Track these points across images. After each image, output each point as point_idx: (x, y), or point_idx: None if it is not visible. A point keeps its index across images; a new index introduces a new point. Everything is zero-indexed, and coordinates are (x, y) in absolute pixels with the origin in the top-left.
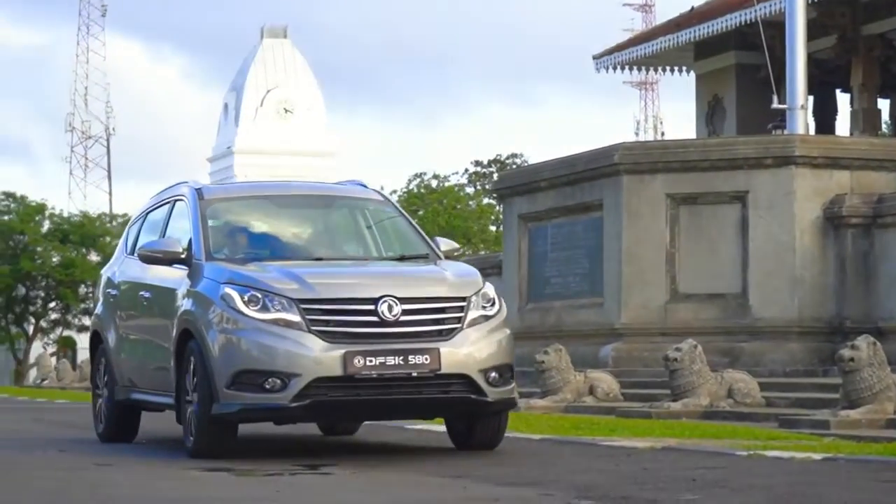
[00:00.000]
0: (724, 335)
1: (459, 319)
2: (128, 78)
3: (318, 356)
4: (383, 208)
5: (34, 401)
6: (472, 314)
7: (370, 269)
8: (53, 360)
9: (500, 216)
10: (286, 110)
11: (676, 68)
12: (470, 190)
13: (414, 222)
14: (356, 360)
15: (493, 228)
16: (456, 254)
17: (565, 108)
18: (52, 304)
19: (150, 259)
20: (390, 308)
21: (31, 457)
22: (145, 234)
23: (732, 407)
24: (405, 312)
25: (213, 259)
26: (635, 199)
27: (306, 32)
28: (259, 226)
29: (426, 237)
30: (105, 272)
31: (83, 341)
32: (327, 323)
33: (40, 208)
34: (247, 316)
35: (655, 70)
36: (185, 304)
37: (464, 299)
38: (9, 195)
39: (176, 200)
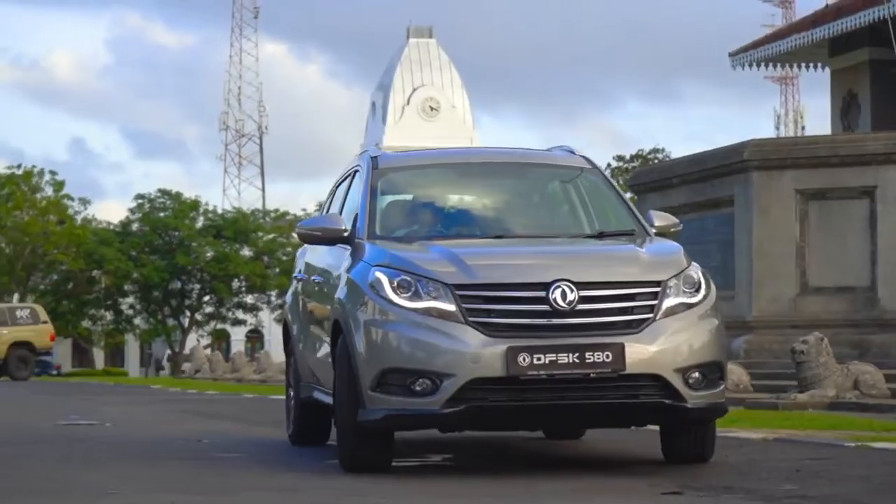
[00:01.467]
0: (853, 328)
1: (652, 308)
2: (276, 77)
3: (476, 353)
4: (588, 177)
5: (186, 392)
6: (670, 301)
7: (546, 249)
8: (207, 352)
9: None
10: (432, 108)
11: (812, 65)
12: None
13: (622, 193)
14: (521, 358)
15: None
16: (674, 230)
17: (706, 102)
18: (207, 298)
19: (309, 238)
20: (564, 295)
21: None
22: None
23: (858, 398)
24: (583, 300)
25: (376, 238)
26: (765, 195)
27: (451, 31)
28: (436, 198)
29: (635, 211)
30: (298, 255)
31: (236, 334)
32: (489, 313)
33: (195, 205)
34: (395, 305)
35: (790, 66)
36: (339, 291)
37: (658, 284)
38: (165, 192)
39: (355, 171)
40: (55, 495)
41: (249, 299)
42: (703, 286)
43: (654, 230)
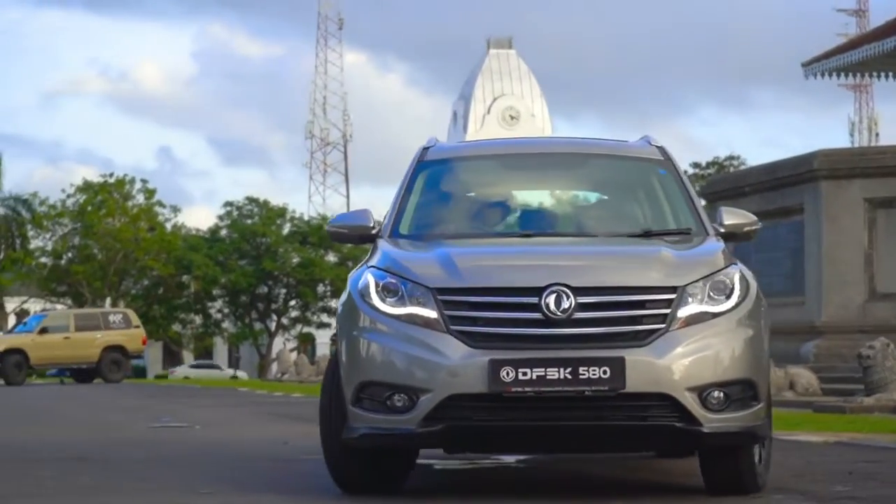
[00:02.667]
0: None
1: (664, 318)
2: (358, 86)
3: (456, 366)
4: (655, 170)
5: (272, 395)
6: (689, 310)
7: (553, 249)
8: (293, 355)
9: None
10: (512, 117)
11: (884, 74)
12: None
13: (690, 188)
14: (505, 373)
15: None
16: (747, 229)
17: (779, 109)
18: (293, 303)
19: (337, 236)
20: (559, 301)
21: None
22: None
23: None
24: (582, 307)
25: (398, 237)
26: (834, 204)
27: (529, 42)
28: (476, 192)
29: (698, 208)
30: None
31: (322, 337)
32: (475, 321)
33: (281, 212)
34: (378, 311)
35: (862, 76)
36: (342, 295)
37: (674, 290)
38: (252, 200)
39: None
40: (153, 493)
41: (334, 303)
42: (738, 291)
43: (722, 229)
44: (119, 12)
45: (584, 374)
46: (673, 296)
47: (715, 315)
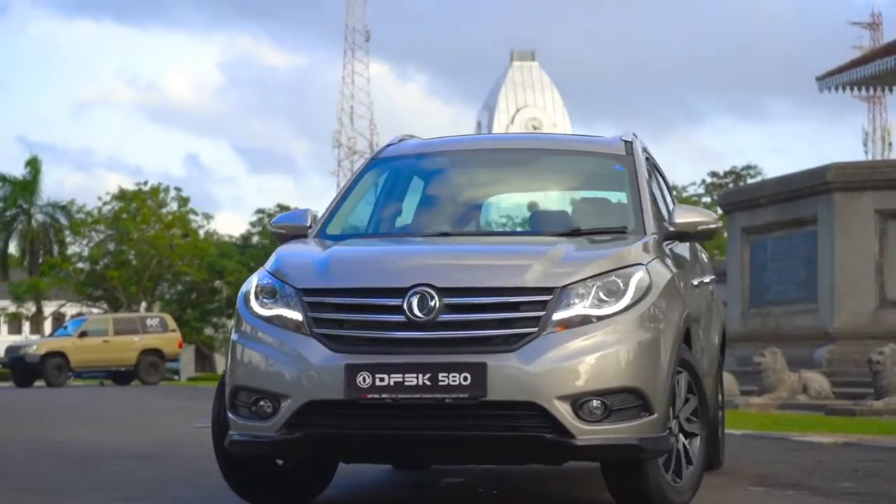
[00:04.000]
0: None
1: (537, 321)
2: (382, 97)
3: (315, 371)
4: (611, 165)
5: None
6: (567, 312)
7: (425, 248)
8: None
9: None
10: (535, 127)
11: None
12: (707, 199)
13: (644, 185)
14: (361, 378)
15: (727, 235)
16: (702, 227)
17: (793, 118)
18: None
19: (278, 237)
20: (423, 303)
21: None
22: None
23: None
24: (449, 309)
25: (325, 237)
26: (846, 215)
27: (551, 54)
28: (413, 191)
29: (645, 205)
30: None
31: None
32: (340, 324)
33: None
34: (252, 314)
35: (875, 90)
36: None
37: (550, 291)
38: (283, 207)
39: None
40: (203, 489)
41: None
42: (631, 293)
43: (672, 228)
44: (147, 24)
45: (443, 381)
46: (548, 297)
47: (600, 318)
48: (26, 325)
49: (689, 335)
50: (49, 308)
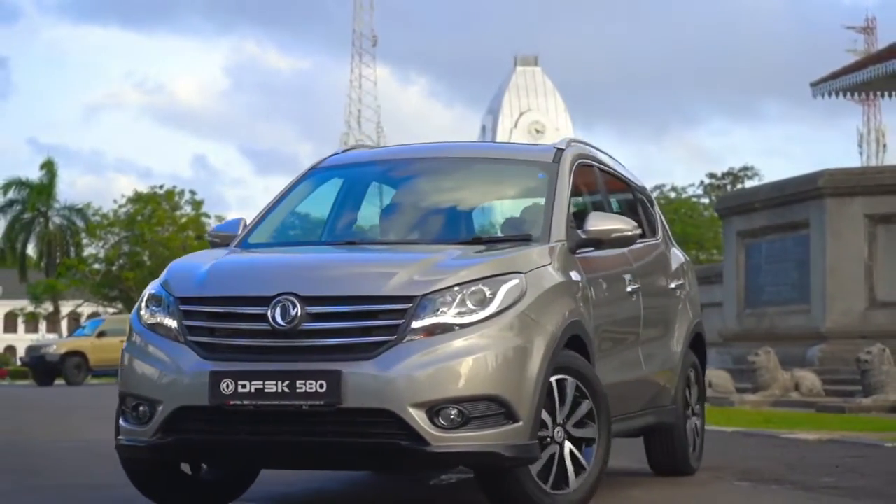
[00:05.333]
0: None
1: (395, 329)
2: (388, 100)
3: (185, 378)
4: (535, 173)
5: None
6: (428, 321)
7: (295, 257)
8: None
9: None
10: (537, 131)
11: (889, 93)
12: (705, 200)
13: (564, 193)
14: (225, 385)
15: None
16: (616, 235)
17: (788, 120)
18: None
19: (213, 245)
20: (285, 311)
21: None
22: None
23: None
24: (310, 318)
25: (245, 245)
26: (837, 219)
27: (553, 58)
28: (340, 199)
29: (554, 213)
30: None
31: None
32: (212, 332)
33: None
34: (140, 322)
35: (868, 95)
36: None
37: (410, 300)
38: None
39: None
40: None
41: None
42: (498, 302)
43: (584, 235)
44: (155, 29)
45: (301, 388)
46: (408, 306)
47: (462, 326)
48: (42, 325)
49: (586, 340)
50: (66, 308)
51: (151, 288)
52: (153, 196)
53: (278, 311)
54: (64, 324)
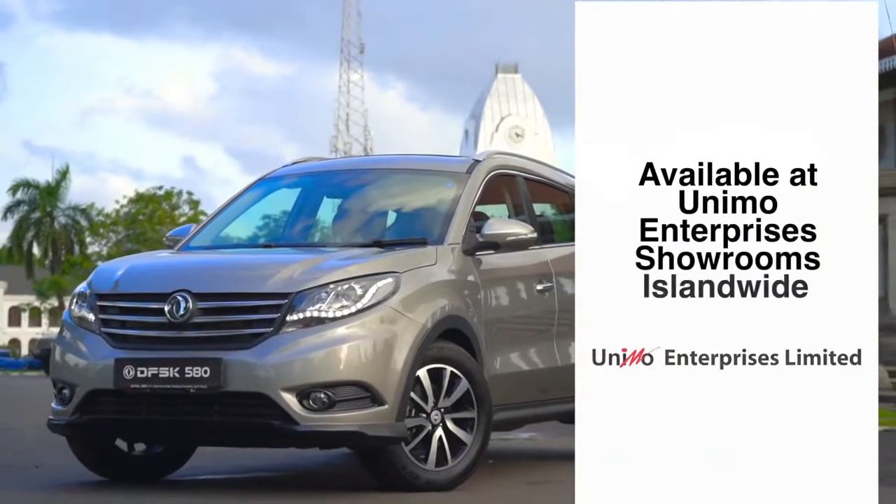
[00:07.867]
0: None
1: (272, 322)
2: (376, 103)
3: (97, 364)
4: (444, 182)
5: None
6: (302, 315)
7: (193, 259)
8: None
9: None
10: (517, 135)
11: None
12: None
13: (465, 203)
14: (127, 371)
15: None
16: (511, 238)
17: None
18: None
19: (169, 247)
20: (178, 306)
21: None
22: None
23: None
24: (202, 312)
25: (189, 248)
26: None
27: (532, 66)
28: (276, 207)
29: (453, 218)
30: None
31: None
32: (122, 324)
33: None
34: (69, 314)
35: None
36: None
37: (285, 296)
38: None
39: None
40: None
41: None
42: (367, 298)
43: (481, 238)
44: (145, 36)
45: (189, 374)
46: (283, 301)
47: (332, 319)
48: (45, 319)
49: (468, 333)
50: None
51: (80, 287)
52: (153, 197)
53: (173, 305)
54: None
